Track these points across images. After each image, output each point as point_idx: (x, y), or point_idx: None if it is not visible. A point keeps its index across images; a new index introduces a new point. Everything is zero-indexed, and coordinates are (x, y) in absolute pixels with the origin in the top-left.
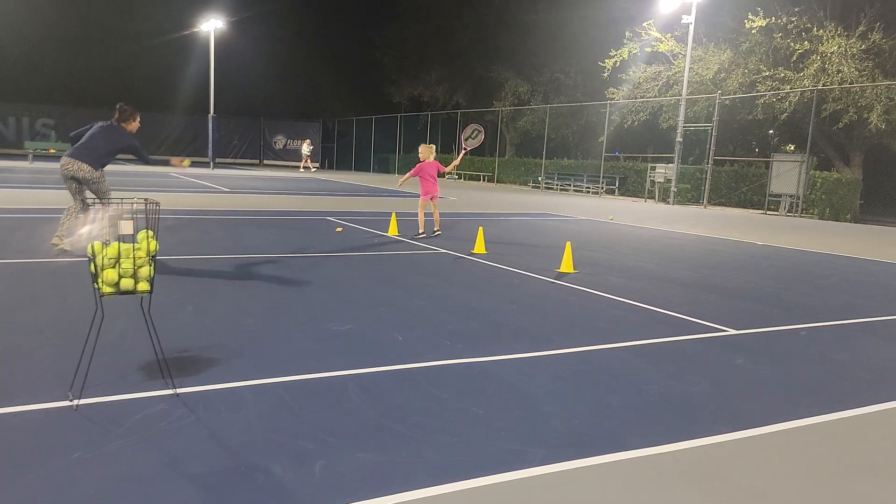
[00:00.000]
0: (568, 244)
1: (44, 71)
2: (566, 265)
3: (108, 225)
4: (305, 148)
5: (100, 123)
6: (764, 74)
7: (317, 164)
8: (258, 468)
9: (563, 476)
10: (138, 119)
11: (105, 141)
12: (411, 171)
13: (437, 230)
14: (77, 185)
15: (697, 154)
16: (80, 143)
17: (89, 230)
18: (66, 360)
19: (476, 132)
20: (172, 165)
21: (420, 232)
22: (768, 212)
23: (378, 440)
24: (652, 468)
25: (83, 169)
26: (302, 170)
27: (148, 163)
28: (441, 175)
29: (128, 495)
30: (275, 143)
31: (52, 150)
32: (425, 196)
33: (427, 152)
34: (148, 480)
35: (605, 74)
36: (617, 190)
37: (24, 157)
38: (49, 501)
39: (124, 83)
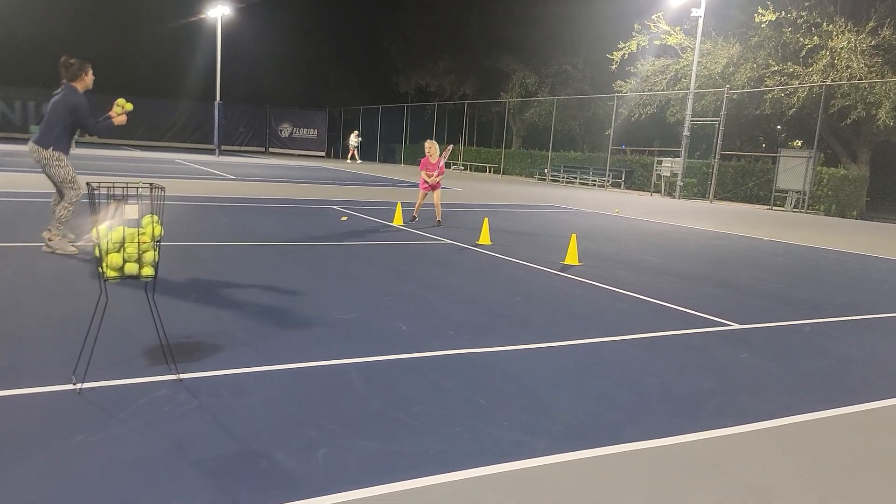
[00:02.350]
0: (573, 237)
1: (50, 55)
2: (571, 258)
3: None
4: (353, 139)
5: (54, 92)
6: (772, 69)
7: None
8: (261, 454)
9: (566, 467)
10: (90, 72)
11: (53, 111)
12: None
13: (440, 221)
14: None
15: (704, 148)
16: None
17: (109, 226)
18: (69, 343)
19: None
20: (117, 123)
21: (414, 217)
22: (774, 207)
23: (381, 429)
24: (654, 461)
25: (34, 150)
26: (350, 161)
27: (91, 131)
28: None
29: (130, 479)
30: (281, 131)
31: None
32: (426, 188)
33: (434, 149)
34: (151, 464)
35: (613, 67)
36: (623, 183)
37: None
38: (52, 484)
39: (131, 69)
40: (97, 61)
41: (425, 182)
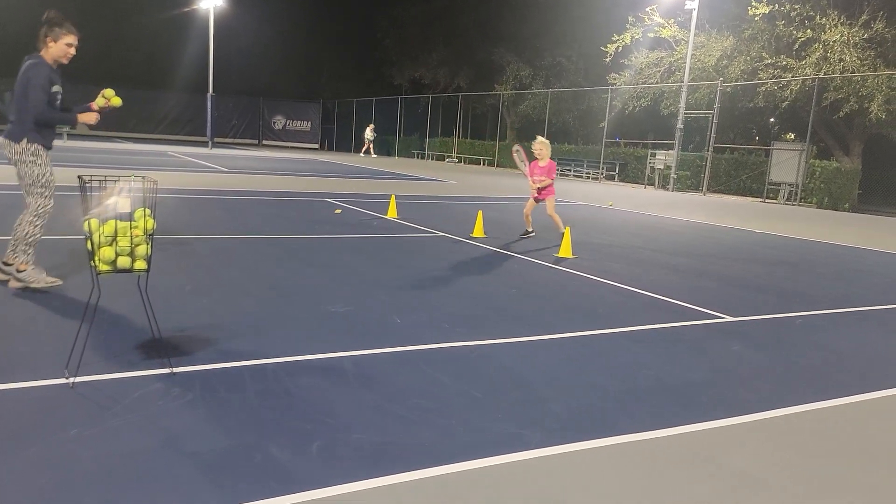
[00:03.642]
0: (567, 229)
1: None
2: (565, 250)
3: (121, 201)
4: (369, 132)
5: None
6: (766, 62)
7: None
8: (256, 448)
9: (560, 459)
10: (61, 35)
11: (17, 92)
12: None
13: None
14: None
15: (698, 141)
16: None
17: (115, 201)
18: (62, 338)
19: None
20: (84, 120)
21: (529, 231)
22: (767, 200)
23: (376, 422)
24: (647, 453)
25: (4, 145)
26: (368, 154)
27: (41, 117)
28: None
29: (125, 472)
30: (274, 123)
31: None
32: (535, 196)
33: (547, 149)
34: (145, 458)
35: (608, 60)
36: (617, 176)
37: None
38: (46, 478)
39: (123, 60)
40: (88, 53)
41: (535, 189)
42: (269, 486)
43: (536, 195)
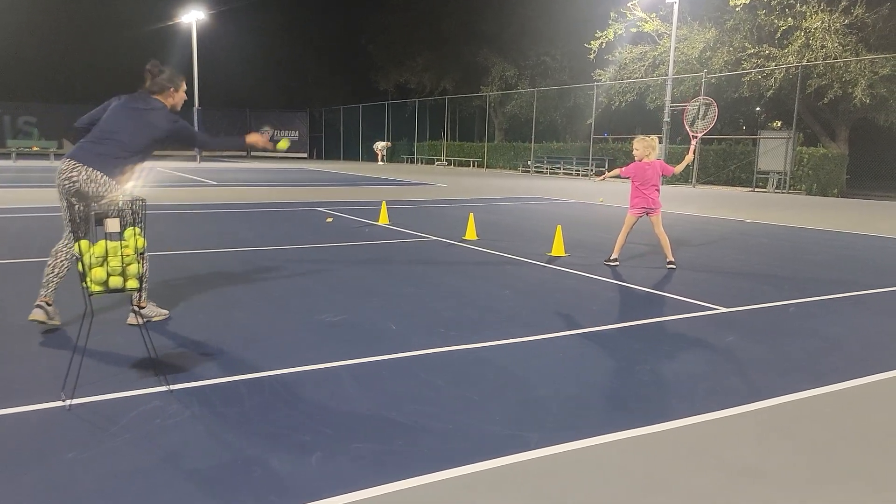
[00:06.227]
0: (559, 228)
1: (24, 66)
2: (557, 249)
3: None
4: (382, 145)
5: (121, 100)
6: (749, 52)
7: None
8: (255, 461)
9: (559, 459)
10: (184, 87)
11: (133, 131)
12: (622, 170)
13: (672, 261)
14: (82, 203)
15: (685, 133)
16: (90, 135)
17: (132, 187)
18: (57, 360)
19: (703, 108)
20: (258, 145)
21: (612, 258)
22: (756, 189)
23: (374, 430)
24: (647, 448)
25: (94, 179)
26: (381, 162)
27: (207, 146)
28: (666, 177)
29: (125, 492)
30: (261, 133)
31: (36, 148)
32: (637, 210)
33: (645, 149)
34: (144, 477)
35: (592, 56)
36: (606, 172)
37: (6, 155)
38: (46, 501)
39: (107, 76)
40: (72, 71)
41: (640, 201)
42: (269, 500)
43: (642, 208)
